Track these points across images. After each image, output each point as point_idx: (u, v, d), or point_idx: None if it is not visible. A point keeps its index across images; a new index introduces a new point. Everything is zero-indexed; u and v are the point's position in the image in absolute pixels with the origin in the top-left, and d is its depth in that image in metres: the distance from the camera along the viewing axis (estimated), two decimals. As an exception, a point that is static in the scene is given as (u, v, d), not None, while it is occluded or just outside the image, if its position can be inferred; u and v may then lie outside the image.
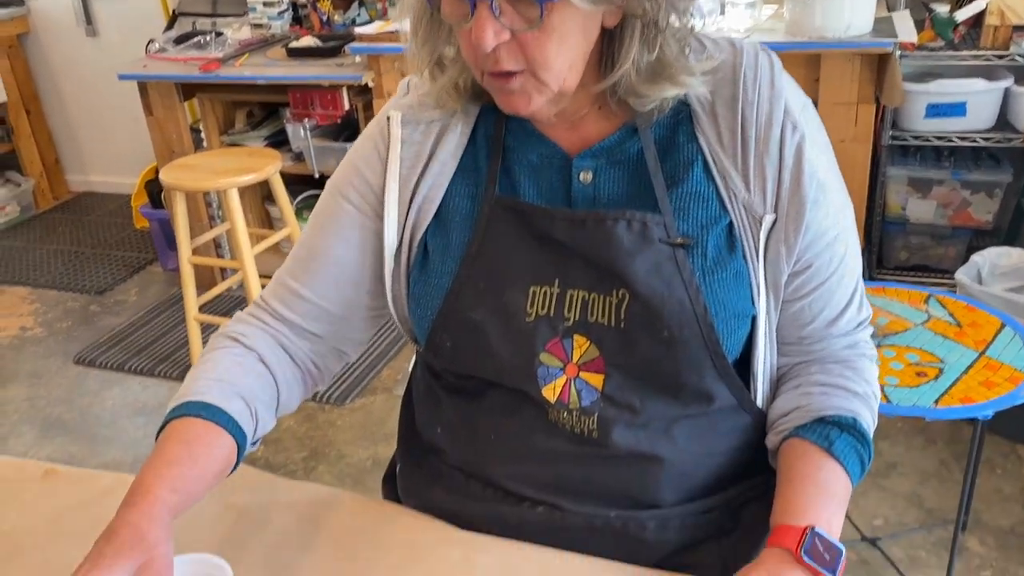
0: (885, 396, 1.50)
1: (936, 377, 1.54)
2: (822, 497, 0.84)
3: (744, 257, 0.87)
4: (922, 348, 1.62)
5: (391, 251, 0.95)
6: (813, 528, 0.80)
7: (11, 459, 1.10)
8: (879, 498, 2.05)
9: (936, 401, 1.48)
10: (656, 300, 0.85)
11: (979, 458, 1.64)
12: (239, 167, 2.53)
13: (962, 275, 2.14)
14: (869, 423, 0.91)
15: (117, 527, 0.75)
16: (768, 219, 0.86)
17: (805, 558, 0.78)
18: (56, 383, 2.77)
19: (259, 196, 3.27)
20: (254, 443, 0.93)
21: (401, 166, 0.94)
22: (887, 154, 2.59)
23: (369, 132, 0.99)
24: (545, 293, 0.89)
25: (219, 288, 2.81)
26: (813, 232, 0.86)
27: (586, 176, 0.89)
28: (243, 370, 0.93)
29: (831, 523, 0.82)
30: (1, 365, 2.89)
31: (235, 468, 0.89)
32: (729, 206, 0.87)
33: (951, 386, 1.51)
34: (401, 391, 1.14)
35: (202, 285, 2.93)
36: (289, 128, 3.01)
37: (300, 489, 1.02)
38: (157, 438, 0.86)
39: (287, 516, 0.96)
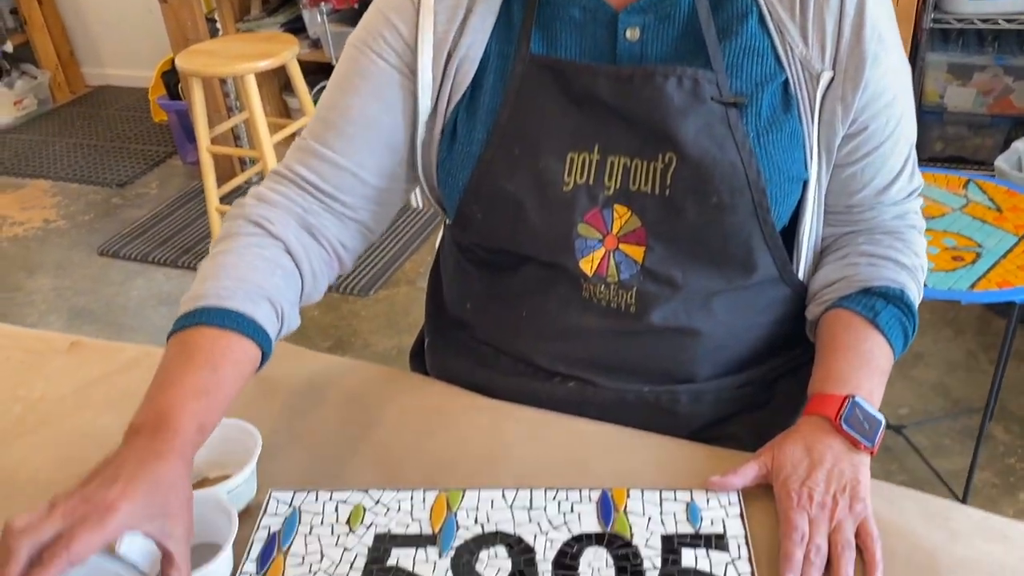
0: (920, 280, 1.46)
1: (973, 262, 1.50)
2: (865, 368, 0.81)
3: (799, 117, 0.83)
4: (959, 233, 1.58)
5: (424, 116, 0.88)
6: (854, 397, 0.78)
7: (37, 331, 1.09)
8: (905, 387, 2.04)
9: (972, 285, 1.44)
10: (707, 163, 0.81)
11: (1012, 344, 1.61)
12: (256, 52, 2.46)
13: (1002, 162, 2.07)
14: (916, 295, 0.88)
15: (161, 467, 0.66)
16: (826, 76, 0.81)
17: (844, 426, 0.77)
18: (81, 274, 2.78)
19: (276, 86, 3.20)
20: (279, 339, 0.84)
21: (436, 21, 0.86)
22: (927, 38, 2.48)
23: None
24: (584, 160, 0.85)
25: (239, 179, 2.79)
26: (871, 91, 0.82)
27: (633, 33, 0.83)
28: (269, 266, 0.83)
29: (872, 394, 0.81)
30: (27, 256, 2.91)
31: (258, 370, 0.81)
32: (785, 62, 0.82)
33: (988, 270, 1.47)
34: (424, 283, 1.11)
35: (222, 177, 2.89)
36: (305, 14, 2.92)
37: (327, 361, 1.01)
38: (173, 334, 0.77)
39: (314, 386, 0.96)
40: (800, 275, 0.91)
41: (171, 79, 3.33)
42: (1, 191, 3.36)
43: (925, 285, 1.44)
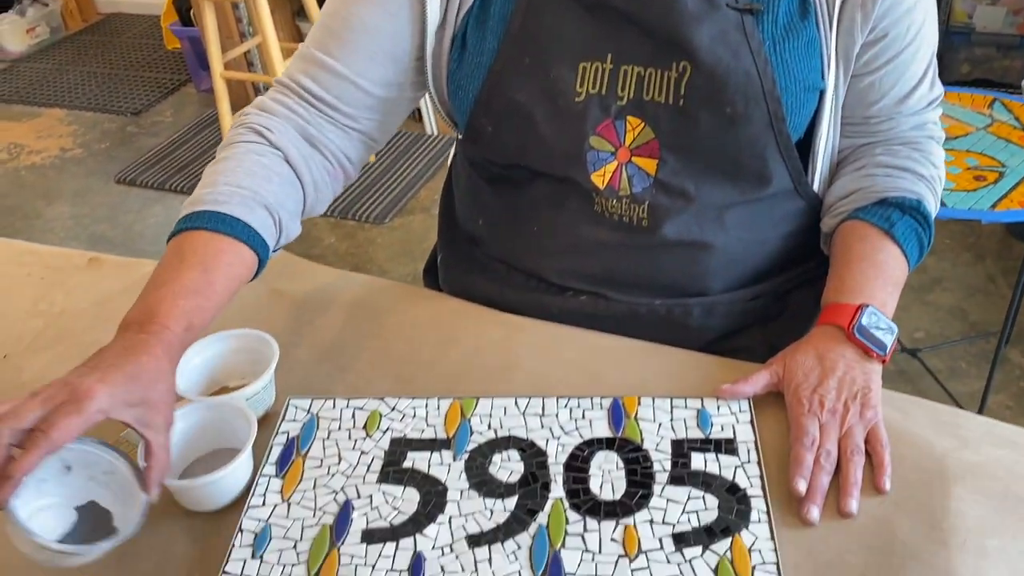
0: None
1: (996, 181, 1.48)
2: (879, 278, 0.81)
3: (816, 24, 0.81)
4: (983, 152, 1.55)
5: (433, 26, 0.87)
6: (867, 306, 0.78)
7: (57, 248, 1.10)
8: (921, 312, 2.03)
9: (993, 205, 1.42)
10: (721, 72, 0.79)
11: (1032, 267, 1.59)
12: (267, -26, 2.42)
13: (1030, 82, 2.02)
14: (933, 206, 0.87)
15: (143, 356, 0.66)
16: None
17: (857, 335, 0.77)
18: (99, 202, 2.80)
19: (289, 11, 3.15)
20: (275, 250, 0.85)
21: None
22: (957, -46, 2.40)
23: None
24: (596, 69, 0.83)
25: (253, 106, 2.76)
26: None
27: None
28: (267, 173, 0.83)
29: (886, 304, 0.80)
30: (45, 185, 2.92)
31: (254, 277, 0.82)
32: None
33: (1011, 190, 1.45)
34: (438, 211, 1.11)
35: (236, 104, 2.88)
36: (317, -65, 2.86)
37: (343, 276, 1.01)
38: (171, 238, 0.78)
39: (331, 300, 0.97)
40: (815, 187, 0.90)
41: (183, 5, 3.29)
42: (16, 120, 3.36)
43: (945, 205, 1.43)
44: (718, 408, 0.77)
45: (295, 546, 0.69)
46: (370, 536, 0.69)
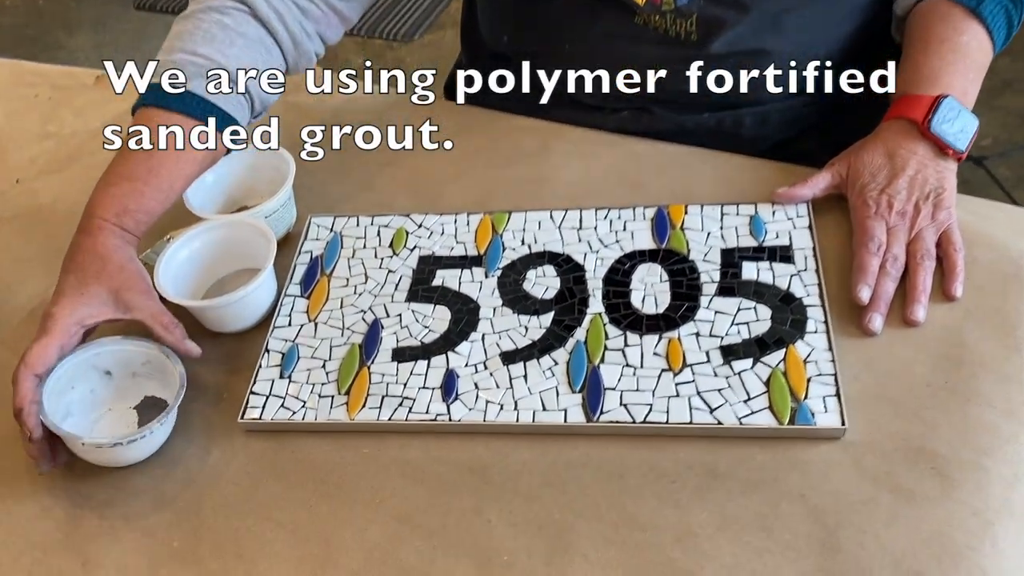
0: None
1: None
2: (960, 63, 0.72)
3: None
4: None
5: None
6: (945, 97, 0.69)
7: (62, 67, 1.04)
8: (990, 118, 1.89)
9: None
10: None
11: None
12: None
13: None
14: None
15: (79, 256, 0.67)
16: None
17: (932, 130, 0.68)
18: (120, 29, 2.70)
19: None
20: (258, 114, 0.79)
21: None
22: None
23: None
24: None
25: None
26: None
27: None
28: (228, 36, 0.75)
29: (966, 93, 0.72)
30: (64, 14, 2.82)
31: (229, 151, 0.77)
32: None
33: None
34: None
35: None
36: None
37: (358, 97, 0.94)
38: (135, 110, 0.75)
39: (349, 114, 0.90)
40: (886, -29, 0.79)
41: None
42: (28, -55, 3.21)
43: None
44: (773, 214, 0.71)
45: (324, 365, 0.66)
46: (400, 355, 0.66)
